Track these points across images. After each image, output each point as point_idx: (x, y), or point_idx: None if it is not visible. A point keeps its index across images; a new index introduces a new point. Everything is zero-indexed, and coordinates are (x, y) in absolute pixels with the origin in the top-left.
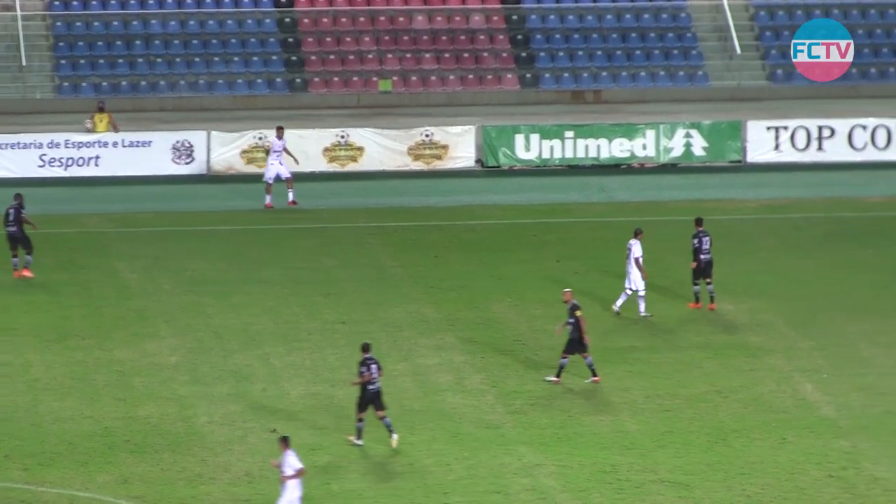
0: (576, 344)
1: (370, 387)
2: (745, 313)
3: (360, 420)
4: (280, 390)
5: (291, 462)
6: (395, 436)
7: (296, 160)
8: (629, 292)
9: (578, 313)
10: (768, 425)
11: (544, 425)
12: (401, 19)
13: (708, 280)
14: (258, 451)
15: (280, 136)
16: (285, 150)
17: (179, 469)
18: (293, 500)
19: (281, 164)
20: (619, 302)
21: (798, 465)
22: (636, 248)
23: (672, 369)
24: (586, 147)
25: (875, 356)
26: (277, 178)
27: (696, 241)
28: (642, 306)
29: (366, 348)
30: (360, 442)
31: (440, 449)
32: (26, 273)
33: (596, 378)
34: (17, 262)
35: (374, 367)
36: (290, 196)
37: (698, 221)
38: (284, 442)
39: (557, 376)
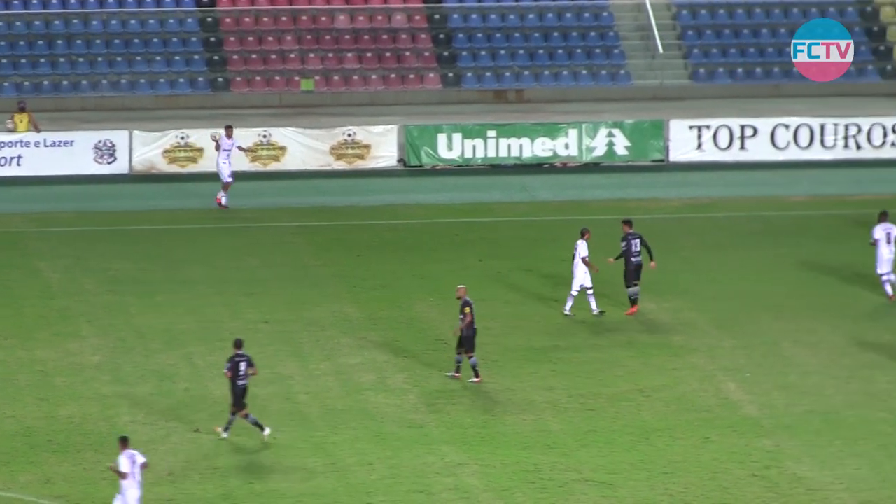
0: (468, 341)
1: (239, 382)
2: (668, 312)
3: (246, 416)
4: (203, 390)
5: (121, 462)
6: (266, 430)
7: (248, 150)
8: (589, 292)
9: (467, 310)
10: (691, 424)
11: (467, 424)
12: (323, 19)
13: (635, 282)
14: (181, 450)
15: (229, 136)
16: (239, 147)
17: (102, 469)
18: (129, 501)
19: (229, 164)
20: (592, 303)
21: (721, 464)
22: (582, 248)
23: (594, 368)
24: (508, 146)
25: (797, 355)
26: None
27: (624, 243)
28: (568, 305)
29: (238, 345)
30: (267, 431)
31: (363, 448)
32: None
33: (457, 375)
34: None
35: (243, 364)
36: (222, 198)
37: (628, 223)
38: (123, 442)
39: (476, 376)
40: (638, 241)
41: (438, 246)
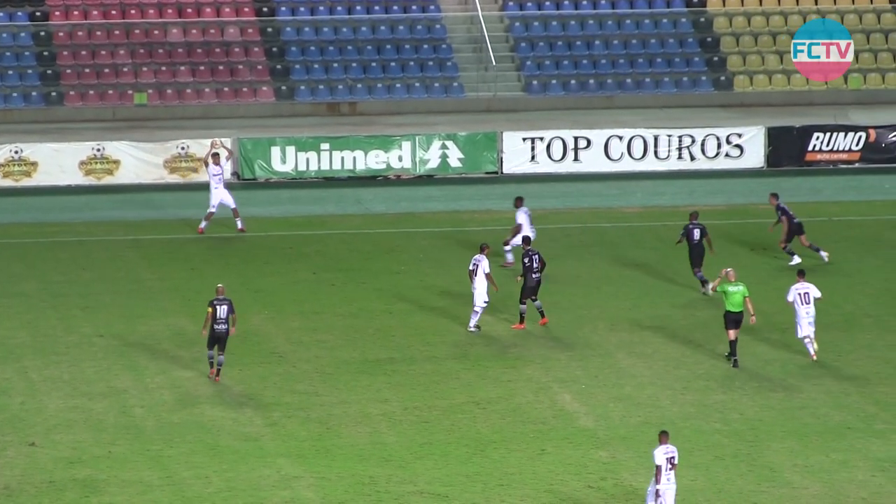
0: (217, 340)
1: None
2: (503, 324)
3: None
4: (38, 404)
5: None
6: None
7: (229, 151)
8: (483, 307)
9: (209, 309)
10: (527, 436)
11: (302, 437)
12: (156, 32)
13: (534, 297)
14: (16, 464)
15: (217, 163)
16: (228, 157)
17: None
18: None
19: (225, 188)
20: (475, 318)
21: (557, 475)
22: (485, 264)
23: (430, 380)
24: (342, 159)
25: (632, 366)
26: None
27: (526, 259)
28: (473, 321)
29: None
30: None
31: (199, 462)
32: None
33: (214, 374)
34: None
35: None
36: (239, 224)
37: (526, 240)
38: None
39: (216, 375)
40: (538, 256)
41: (272, 259)
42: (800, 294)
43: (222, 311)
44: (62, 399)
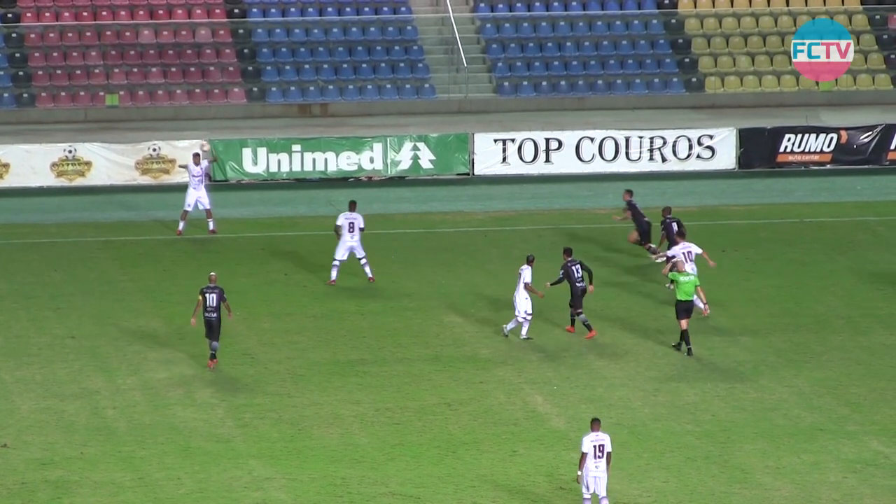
0: (207, 329)
1: None
2: (474, 325)
3: None
4: (10, 405)
5: None
6: None
7: (213, 159)
8: (520, 319)
9: (199, 297)
10: (498, 437)
11: (274, 439)
12: (127, 34)
13: (579, 310)
14: None
15: (196, 163)
16: (210, 161)
17: None
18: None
19: (200, 189)
20: (510, 326)
21: (528, 477)
22: (526, 274)
23: (401, 382)
24: (314, 160)
25: (604, 368)
26: (197, 207)
27: (563, 271)
28: (525, 329)
29: None
30: None
31: (170, 463)
32: None
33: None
34: None
35: None
36: (211, 225)
37: (568, 251)
38: None
39: (213, 359)
40: (579, 266)
41: (244, 260)
42: (683, 253)
43: (212, 299)
44: (34, 400)
